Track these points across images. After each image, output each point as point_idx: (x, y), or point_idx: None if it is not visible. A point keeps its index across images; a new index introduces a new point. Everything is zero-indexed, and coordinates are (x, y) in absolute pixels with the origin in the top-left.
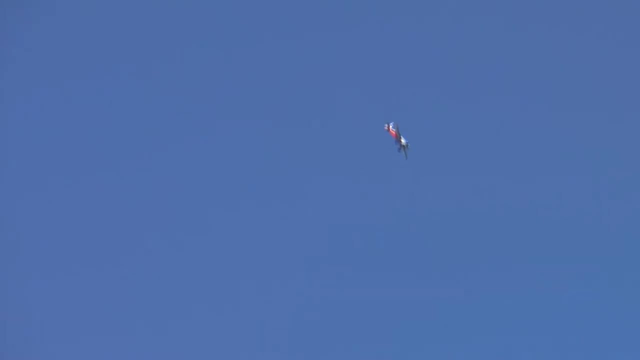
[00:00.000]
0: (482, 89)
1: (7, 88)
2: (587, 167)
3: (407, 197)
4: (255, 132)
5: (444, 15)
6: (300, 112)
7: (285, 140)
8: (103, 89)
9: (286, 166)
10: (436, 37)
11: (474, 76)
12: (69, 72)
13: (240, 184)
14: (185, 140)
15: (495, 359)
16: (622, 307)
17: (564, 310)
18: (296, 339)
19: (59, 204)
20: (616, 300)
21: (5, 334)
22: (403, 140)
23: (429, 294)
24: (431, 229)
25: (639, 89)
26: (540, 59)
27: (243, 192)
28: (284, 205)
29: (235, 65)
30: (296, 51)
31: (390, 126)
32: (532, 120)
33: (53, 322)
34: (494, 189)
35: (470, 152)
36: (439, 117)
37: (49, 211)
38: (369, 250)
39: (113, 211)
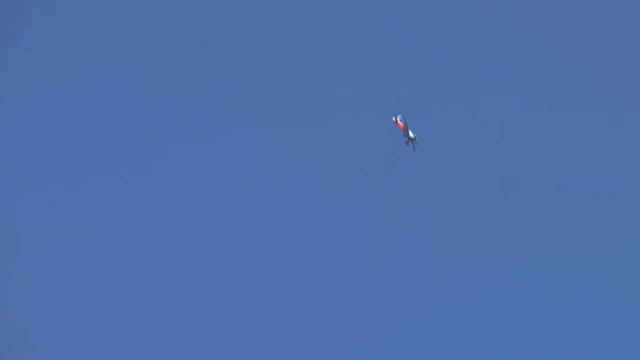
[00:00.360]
0: (484, 90)
1: (8, 89)
2: (587, 169)
3: (409, 200)
4: (256, 134)
5: (444, 15)
6: (301, 114)
7: (287, 142)
8: (104, 91)
9: (287, 167)
10: (436, 38)
11: (476, 77)
12: (72, 73)
13: (242, 185)
14: (187, 143)
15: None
16: (624, 309)
17: (564, 311)
18: (298, 341)
19: (65, 205)
20: (617, 302)
21: (6, 334)
22: (411, 134)
23: (431, 298)
24: (433, 231)
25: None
26: (540, 58)
27: (244, 194)
28: (286, 206)
29: (237, 68)
30: (298, 54)
31: (398, 119)
32: (534, 121)
33: (54, 322)
34: (495, 190)
35: (472, 152)
36: (440, 117)
37: (54, 212)
38: (371, 254)
39: (116, 213)
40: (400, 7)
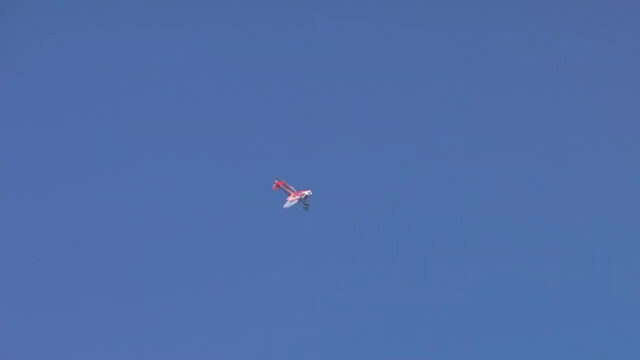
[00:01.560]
0: (480, 92)
1: (10, 90)
2: (584, 168)
3: (405, 197)
4: (255, 133)
5: (444, 15)
6: (300, 114)
7: (286, 141)
8: (106, 93)
9: (286, 166)
10: (436, 41)
11: (473, 79)
12: (74, 74)
13: (241, 183)
14: (188, 141)
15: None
16: (623, 307)
17: (565, 310)
18: (298, 336)
19: (69, 204)
20: (617, 300)
21: (7, 332)
22: (305, 192)
23: (429, 294)
24: (431, 229)
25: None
26: (541, 60)
27: (244, 192)
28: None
29: (237, 68)
30: (297, 54)
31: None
32: (534, 121)
33: (56, 321)
34: (494, 188)
35: (472, 151)
36: (441, 118)
37: (49, 211)
38: (369, 249)
39: (118, 212)
40: (401, 10)
